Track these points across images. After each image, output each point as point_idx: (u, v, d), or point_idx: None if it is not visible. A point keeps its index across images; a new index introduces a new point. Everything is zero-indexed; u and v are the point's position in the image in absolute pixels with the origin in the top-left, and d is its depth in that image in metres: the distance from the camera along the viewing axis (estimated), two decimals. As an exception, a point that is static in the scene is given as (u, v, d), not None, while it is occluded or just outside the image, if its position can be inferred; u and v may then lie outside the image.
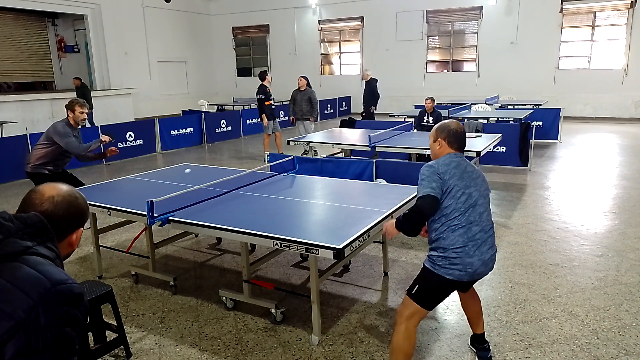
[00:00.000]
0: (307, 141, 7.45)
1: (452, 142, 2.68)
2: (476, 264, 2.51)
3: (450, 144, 2.68)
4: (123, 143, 10.54)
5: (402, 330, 2.60)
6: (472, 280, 2.63)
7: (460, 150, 2.70)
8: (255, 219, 3.30)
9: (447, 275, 2.50)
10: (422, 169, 2.60)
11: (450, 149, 2.68)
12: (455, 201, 2.51)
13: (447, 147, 2.68)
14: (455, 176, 2.54)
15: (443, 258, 2.52)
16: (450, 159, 2.62)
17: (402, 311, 2.64)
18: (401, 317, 2.62)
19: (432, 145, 2.75)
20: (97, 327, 3.13)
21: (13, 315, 1.14)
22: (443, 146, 2.68)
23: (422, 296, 2.59)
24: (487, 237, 2.59)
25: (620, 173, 7.98)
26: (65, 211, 1.39)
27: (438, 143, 2.70)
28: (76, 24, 18.15)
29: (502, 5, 16.27)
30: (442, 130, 2.70)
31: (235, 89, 21.54)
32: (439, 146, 2.69)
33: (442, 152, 2.69)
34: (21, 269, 1.21)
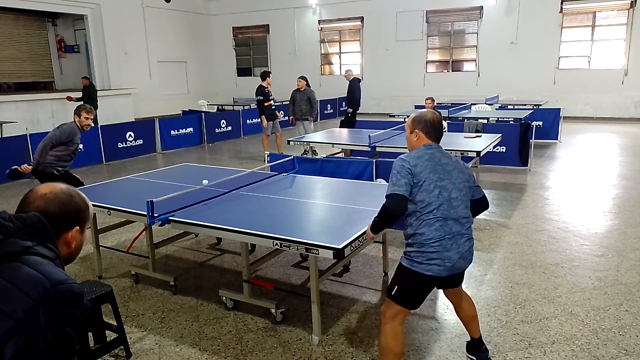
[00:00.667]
0: (307, 141, 7.45)
1: (429, 133, 2.63)
2: (454, 257, 2.47)
3: (427, 134, 2.63)
4: (123, 143, 10.55)
5: (387, 330, 2.57)
6: (451, 276, 2.53)
7: (437, 141, 2.65)
8: (255, 219, 3.30)
9: (426, 271, 2.45)
10: (395, 162, 2.55)
11: (428, 140, 2.63)
12: (429, 195, 2.46)
13: (425, 137, 2.63)
14: (428, 169, 2.49)
15: (420, 253, 2.47)
16: (424, 151, 2.57)
17: (385, 311, 2.61)
18: (385, 318, 2.60)
19: (408, 137, 2.70)
20: (97, 327, 3.13)
21: (13, 316, 1.13)
22: (420, 137, 2.63)
23: (403, 296, 2.55)
24: (464, 230, 2.55)
25: (620, 173, 7.98)
26: (57, 208, 1.38)
27: (415, 134, 2.64)
28: (76, 24, 18.15)
29: (502, 5, 16.27)
30: (418, 121, 2.64)
31: (235, 89, 21.54)
32: (416, 137, 2.64)
33: (419, 143, 2.63)
34: (21, 269, 1.21)
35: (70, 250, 1.45)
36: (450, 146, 6.27)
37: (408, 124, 2.69)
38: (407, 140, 2.72)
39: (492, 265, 4.40)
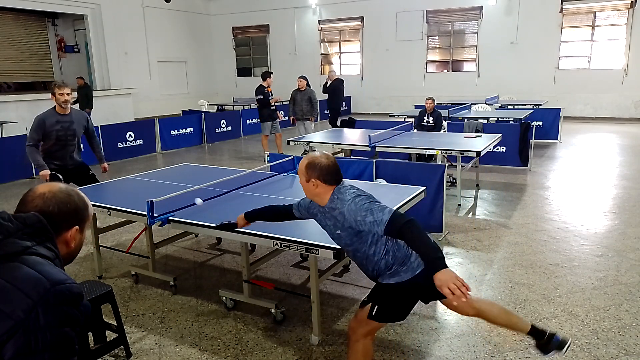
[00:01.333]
0: (307, 141, 7.45)
1: (329, 178, 2.37)
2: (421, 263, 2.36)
3: (326, 182, 2.36)
4: (123, 143, 10.55)
5: (359, 348, 2.46)
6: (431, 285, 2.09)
7: (339, 182, 2.41)
8: (255, 219, 3.30)
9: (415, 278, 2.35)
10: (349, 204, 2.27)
11: (329, 186, 2.37)
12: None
13: (325, 185, 2.37)
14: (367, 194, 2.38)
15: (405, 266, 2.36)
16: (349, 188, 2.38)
17: (356, 329, 2.47)
18: (356, 335, 2.47)
19: (305, 185, 2.40)
20: (97, 327, 3.13)
21: (12, 316, 1.13)
22: (320, 186, 2.37)
23: (380, 313, 2.41)
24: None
25: (620, 173, 7.98)
26: (55, 208, 1.37)
27: (313, 184, 2.37)
28: (76, 24, 18.15)
29: (502, 5, 16.27)
30: (312, 168, 2.36)
31: (235, 89, 21.55)
32: (316, 187, 2.37)
33: (320, 192, 2.38)
34: (20, 269, 1.21)
35: (70, 250, 1.44)
36: (450, 146, 6.28)
37: (302, 171, 2.39)
38: (304, 189, 2.44)
39: (492, 265, 4.40)
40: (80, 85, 13.31)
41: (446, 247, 4.88)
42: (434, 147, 6.29)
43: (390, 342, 3.20)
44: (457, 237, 5.15)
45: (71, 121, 4.92)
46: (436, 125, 8.52)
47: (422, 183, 4.16)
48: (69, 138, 4.90)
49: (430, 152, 6.36)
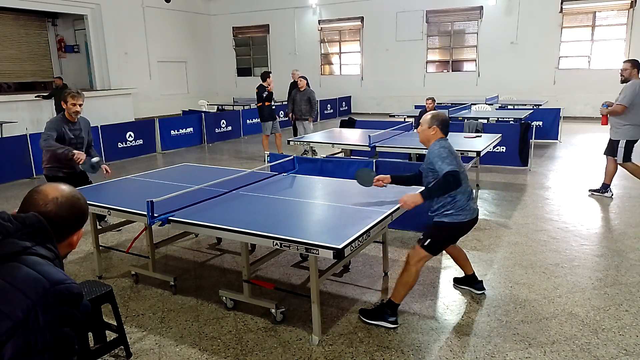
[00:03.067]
0: (307, 141, 7.45)
1: (443, 129, 3.39)
2: (474, 207, 3.41)
3: (442, 131, 3.39)
4: (123, 143, 10.55)
5: (413, 271, 3.32)
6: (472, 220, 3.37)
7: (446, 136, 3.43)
8: (255, 219, 3.30)
9: (462, 219, 3.29)
10: (437, 149, 3.24)
11: (442, 135, 3.39)
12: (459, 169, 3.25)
13: (440, 133, 3.38)
14: (454, 154, 3.29)
15: (456, 209, 3.27)
16: (448, 142, 3.36)
17: (413, 256, 3.34)
18: (412, 260, 3.33)
19: (425, 130, 3.39)
20: (97, 327, 3.13)
21: (12, 316, 1.13)
22: (437, 132, 3.36)
23: (433, 246, 3.33)
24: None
25: (620, 173, 7.97)
26: (68, 212, 1.40)
27: (433, 129, 3.36)
28: (76, 24, 18.14)
29: (502, 5, 16.27)
30: (437, 119, 3.38)
31: (235, 89, 21.55)
32: (434, 132, 3.36)
33: (435, 137, 3.36)
34: (20, 269, 1.21)
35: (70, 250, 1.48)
36: (450, 146, 6.26)
37: (426, 120, 3.39)
38: (422, 132, 3.42)
39: (492, 265, 4.40)
40: (58, 86, 12.82)
41: (446, 247, 4.88)
42: (434, 147, 6.27)
43: (390, 342, 3.20)
44: (457, 237, 5.14)
45: (80, 129, 4.98)
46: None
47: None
48: (79, 146, 4.95)
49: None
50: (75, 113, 4.82)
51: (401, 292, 3.35)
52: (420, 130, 3.43)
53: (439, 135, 3.38)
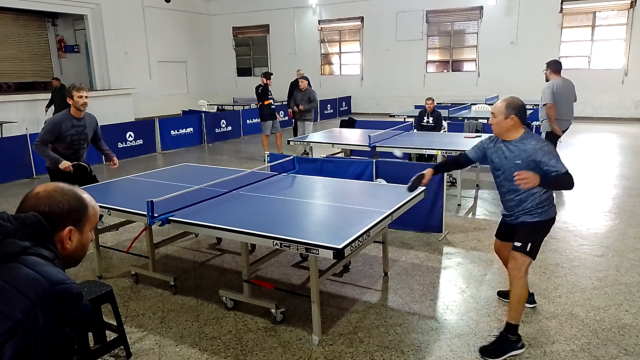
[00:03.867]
0: (307, 141, 7.45)
1: (522, 118, 2.97)
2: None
3: (522, 119, 2.97)
4: (123, 143, 10.55)
5: (522, 284, 3.02)
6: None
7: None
8: (255, 219, 3.30)
9: (553, 214, 3.10)
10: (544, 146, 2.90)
11: (521, 125, 2.98)
12: None
13: (520, 123, 2.97)
14: None
15: (549, 205, 3.06)
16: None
17: (520, 269, 3.02)
18: (520, 273, 3.02)
19: (502, 122, 2.96)
20: (97, 327, 3.13)
21: (11, 316, 1.13)
22: (516, 122, 2.95)
23: (535, 249, 3.06)
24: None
25: (620, 173, 7.98)
26: (46, 207, 1.36)
27: (511, 119, 2.94)
28: (76, 24, 18.15)
29: (502, 5, 16.27)
30: (513, 106, 2.94)
31: (235, 89, 21.54)
32: (512, 122, 2.95)
33: (515, 127, 2.97)
34: (19, 269, 1.21)
35: (68, 251, 1.41)
36: (450, 146, 6.27)
37: (501, 110, 2.96)
38: (498, 124, 2.99)
39: (492, 265, 4.40)
40: (56, 87, 12.71)
41: (446, 247, 4.88)
42: (434, 147, 6.28)
43: (390, 342, 3.20)
44: (457, 237, 5.14)
45: (84, 125, 4.93)
46: (436, 125, 8.52)
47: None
48: (82, 143, 4.94)
49: (430, 152, 6.36)
50: (83, 105, 4.75)
51: (519, 310, 3.04)
52: (495, 122, 3.01)
53: (519, 126, 2.98)
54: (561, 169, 2.86)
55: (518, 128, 2.97)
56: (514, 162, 2.96)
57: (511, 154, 2.99)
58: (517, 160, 2.95)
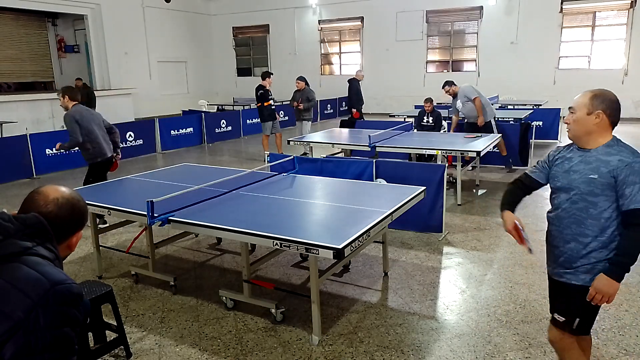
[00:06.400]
0: (307, 141, 7.45)
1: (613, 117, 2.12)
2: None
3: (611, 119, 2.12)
4: (123, 143, 10.53)
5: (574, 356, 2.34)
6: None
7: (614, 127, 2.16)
8: (255, 219, 3.30)
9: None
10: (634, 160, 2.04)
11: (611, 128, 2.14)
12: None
13: (609, 126, 2.13)
14: None
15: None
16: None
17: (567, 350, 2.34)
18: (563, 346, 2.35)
19: (583, 119, 2.12)
20: (97, 327, 3.13)
21: (12, 316, 1.13)
22: (604, 122, 2.11)
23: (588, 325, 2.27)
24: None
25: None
26: (68, 213, 1.40)
27: (597, 116, 2.10)
28: (76, 24, 18.15)
29: (502, 5, 16.27)
30: (602, 99, 2.11)
31: (235, 89, 21.54)
32: (599, 120, 2.11)
33: (600, 129, 2.11)
34: (20, 269, 1.21)
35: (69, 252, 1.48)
36: (450, 146, 6.28)
37: (584, 103, 2.13)
38: (577, 121, 2.15)
39: (492, 265, 4.40)
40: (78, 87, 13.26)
41: (446, 247, 4.88)
42: (434, 147, 6.28)
43: (390, 342, 3.20)
44: (457, 237, 5.14)
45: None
46: (436, 125, 8.53)
47: (422, 183, 4.16)
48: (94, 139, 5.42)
49: (430, 152, 6.36)
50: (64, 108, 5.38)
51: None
52: (573, 119, 2.16)
53: (607, 129, 2.12)
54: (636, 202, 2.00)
55: (605, 132, 2.13)
56: (588, 176, 2.11)
57: (586, 166, 2.12)
58: (593, 174, 2.09)
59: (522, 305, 3.65)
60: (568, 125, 2.21)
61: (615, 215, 2.10)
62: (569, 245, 2.20)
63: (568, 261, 2.21)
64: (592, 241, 2.13)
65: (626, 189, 2.02)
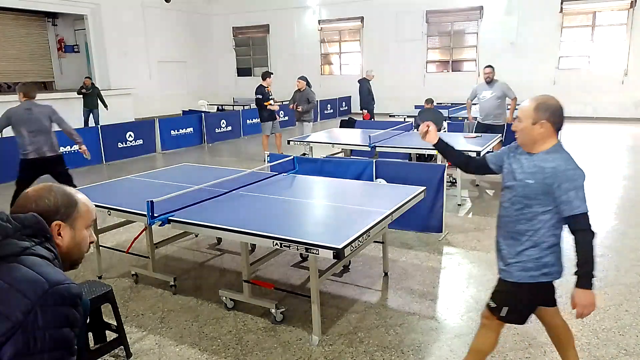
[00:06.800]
0: (307, 141, 7.45)
1: (557, 124, 2.20)
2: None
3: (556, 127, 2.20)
4: (123, 143, 10.54)
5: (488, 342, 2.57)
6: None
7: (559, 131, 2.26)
8: (255, 219, 3.30)
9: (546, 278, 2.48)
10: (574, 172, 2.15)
11: (555, 134, 2.22)
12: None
13: (554, 132, 2.21)
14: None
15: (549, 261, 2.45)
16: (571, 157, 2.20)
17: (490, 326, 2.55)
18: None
19: (528, 128, 2.20)
20: (97, 327, 3.13)
21: (11, 317, 1.13)
22: (548, 130, 2.19)
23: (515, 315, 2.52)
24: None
25: (620, 173, 7.97)
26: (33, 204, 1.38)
27: (541, 126, 2.17)
28: (76, 24, 18.15)
29: (502, 5, 16.27)
30: (545, 108, 2.18)
31: (235, 89, 21.54)
32: (543, 129, 2.18)
33: (545, 138, 2.20)
34: (19, 269, 1.21)
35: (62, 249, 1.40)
36: (450, 146, 6.27)
37: (528, 113, 2.20)
38: (523, 131, 2.23)
39: (492, 265, 4.38)
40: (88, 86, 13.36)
41: (446, 247, 4.88)
42: (434, 147, 6.27)
43: (390, 342, 3.20)
44: (457, 237, 5.14)
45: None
46: (436, 125, 8.52)
47: (422, 183, 4.16)
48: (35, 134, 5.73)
49: (430, 152, 6.36)
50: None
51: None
52: (520, 128, 2.23)
53: (551, 136, 2.20)
54: (577, 208, 2.18)
55: (549, 138, 2.21)
56: (526, 181, 2.23)
57: (527, 170, 2.24)
58: (530, 179, 2.21)
59: (522, 305, 3.64)
60: (516, 133, 2.29)
61: (548, 218, 2.28)
62: (507, 242, 2.37)
63: (505, 257, 2.39)
64: (526, 240, 2.31)
65: (562, 196, 2.16)
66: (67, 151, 9.39)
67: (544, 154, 2.22)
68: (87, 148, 5.98)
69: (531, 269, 2.34)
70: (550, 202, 2.22)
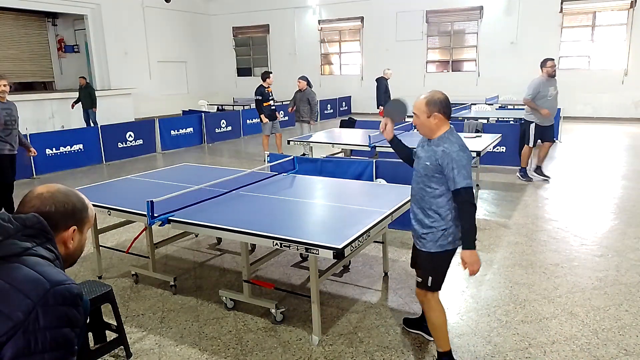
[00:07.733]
0: (307, 141, 7.45)
1: (447, 114, 2.68)
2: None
3: (447, 116, 2.68)
4: (123, 143, 10.54)
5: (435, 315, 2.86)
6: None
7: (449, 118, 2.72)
8: (255, 219, 3.30)
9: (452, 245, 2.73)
10: (457, 153, 2.57)
11: (447, 122, 2.69)
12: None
13: (445, 120, 2.68)
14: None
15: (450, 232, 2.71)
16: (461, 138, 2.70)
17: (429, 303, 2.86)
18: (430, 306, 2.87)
19: (424, 121, 2.67)
20: (97, 327, 3.13)
21: (12, 317, 1.13)
22: (441, 120, 2.66)
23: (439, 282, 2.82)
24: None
25: (620, 173, 7.98)
26: (52, 207, 1.37)
27: (435, 118, 2.65)
28: (76, 24, 18.14)
29: (502, 5, 16.26)
30: (434, 102, 2.65)
31: (235, 89, 21.54)
32: (437, 120, 2.66)
33: (439, 126, 2.67)
34: (20, 270, 1.21)
35: (69, 251, 1.43)
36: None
37: (422, 109, 2.67)
38: (421, 124, 2.70)
39: (492, 265, 4.40)
40: (82, 85, 13.29)
41: (446, 247, 4.87)
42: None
43: (390, 342, 3.20)
44: (457, 237, 5.14)
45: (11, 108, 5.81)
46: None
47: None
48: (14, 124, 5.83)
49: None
50: (2, 92, 5.65)
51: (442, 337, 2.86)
52: (419, 122, 2.70)
53: (444, 124, 2.66)
54: (458, 183, 2.52)
55: (443, 125, 2.66)
56: (425, 163, 2.67)
57: (425, 154, 2.69)
58: (427, 162, 2.65)
59: (521, 305, 3.65)
60: (417, 127, 2.78)
61: (446, 193, 2.65)
62: (418, 217, 2.76)
63: (417, 231, 2.77)
64: (433, 214, 2.68)
65: (449, 173, 2.56)
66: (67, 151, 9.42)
67: (437, 140, 2.67)
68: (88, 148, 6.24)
69: (439, 238, 2.68)
70: (445, 180, 2.61)
